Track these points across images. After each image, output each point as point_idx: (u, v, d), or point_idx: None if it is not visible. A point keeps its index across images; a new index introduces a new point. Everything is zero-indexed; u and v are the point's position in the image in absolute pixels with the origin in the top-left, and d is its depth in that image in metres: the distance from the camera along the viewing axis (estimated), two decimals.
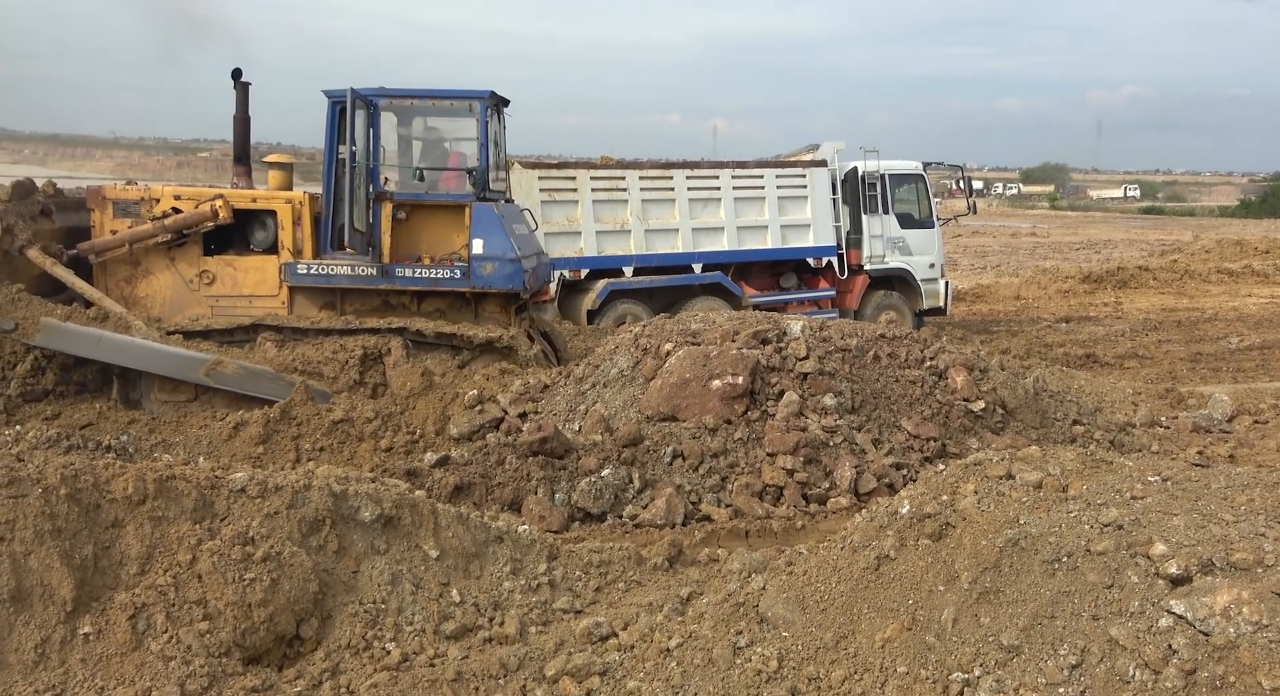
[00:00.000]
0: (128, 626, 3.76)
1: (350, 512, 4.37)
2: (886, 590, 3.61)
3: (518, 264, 9.71)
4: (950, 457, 6.79)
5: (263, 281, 9.95)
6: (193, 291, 9.92)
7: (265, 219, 10.10)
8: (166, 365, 8.90)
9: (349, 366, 9.23)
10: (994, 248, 38.36)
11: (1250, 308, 20.19)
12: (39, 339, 8.87)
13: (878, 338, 8.10)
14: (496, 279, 9.72)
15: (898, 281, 15.84)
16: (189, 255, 9.94)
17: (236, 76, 10.43)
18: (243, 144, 10.88)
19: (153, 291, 9.90)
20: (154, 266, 9.91)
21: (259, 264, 9.99)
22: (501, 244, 9.71)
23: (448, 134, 10.91)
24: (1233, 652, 2.73)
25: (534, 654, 4.00)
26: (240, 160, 10.90)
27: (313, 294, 10.01)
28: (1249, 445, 8.46)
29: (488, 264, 9.66)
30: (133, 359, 8.98)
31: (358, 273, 9.75)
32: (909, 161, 16.30)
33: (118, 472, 4.11)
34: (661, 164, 14.41)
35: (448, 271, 9.76)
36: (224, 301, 9.91)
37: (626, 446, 6.87)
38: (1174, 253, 32.48)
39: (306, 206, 10.02)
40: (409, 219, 10.08)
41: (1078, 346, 15.37)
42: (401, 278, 9.76)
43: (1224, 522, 3.20)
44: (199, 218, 9.77)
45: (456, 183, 10.31)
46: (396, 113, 10.45)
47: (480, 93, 9.99)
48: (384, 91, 10.01)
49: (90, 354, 9.02)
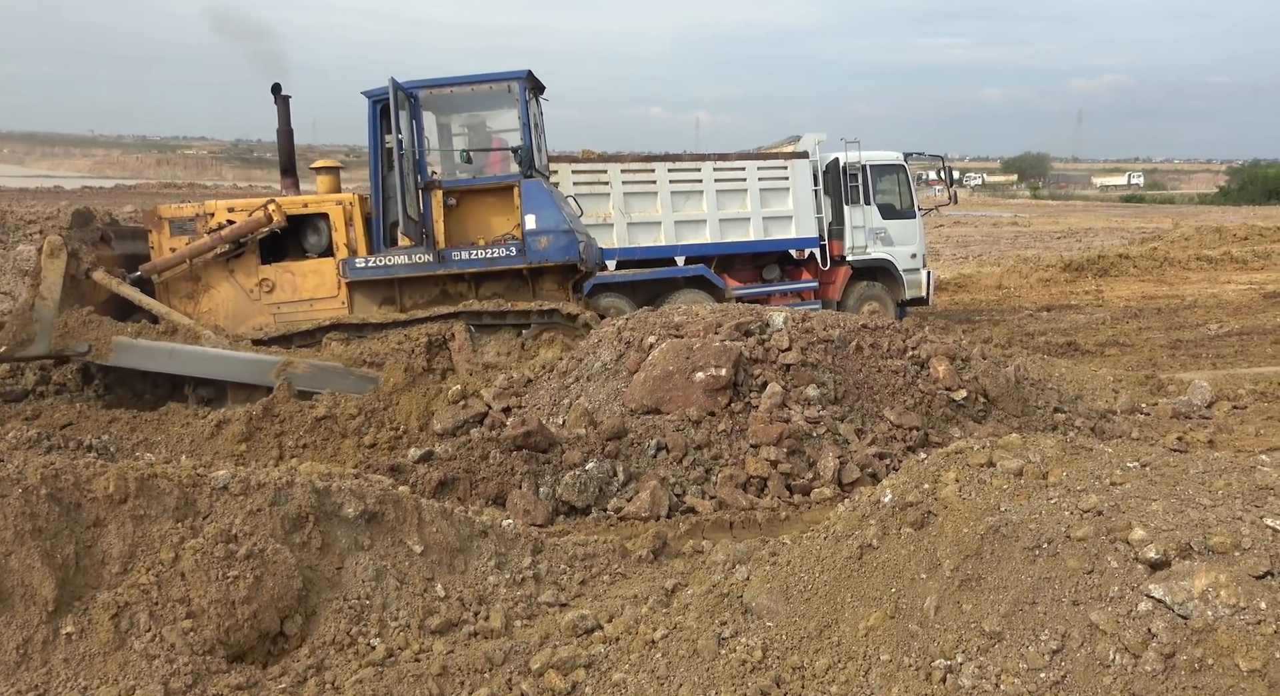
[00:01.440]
0: (110, 625, 3.75)
1: (334, 509, 4.37)
2: (869, 579, 3.63)
3: (571, 235, 9.74)
4: (933, 446, 6.82)
5: (321, 284, 10.06)
6: (254, 301, 10.06)
7: (318, 222, 10.24)
8: (239, 371, 8.99)
9: (415, 355, 9.32)
10: (975, 237, 38.51)
11: (1229, 294, 20.34)
12: (113, 358, 9.05)
13: (860, 328, 8.12)
14: (552, 251, 9.75)
15: (880, 272, 15.91)
16: (247, 265, 10.07)
17: (276, 91, 10.60)
18: (288, 155, 11.04)
19: (215, 305, 10.03)
20: (214, 280, 10.06)
21: (316, 267, 10.10)
22: (554, 216, 9.77)
23: (489, 118, 10.95)
24: (1211, 635, 2.76)
25: (519, 647, 4.00)
26: (287, 172, 11.05)
27: (372, 291, 10.10)
28: (1228, 430, 8.53)
29: (542, 237, 9.71)
30: (206, 368, 9.12)
31: (415, 261, 9.79)
32: (890, 152, 16.35)
33: (99, 471, 4.09)
34: (643, 157, 14.42)
35: (504, 250, 9.82)
36: (285, 308, 10.04)
37: (610, 439, 6.88)
38: (1154, 240, 32.71)
39: (357, 207, 10.18)
40: (460, 206, 10.19)
41: (1059, 334, 15.46)
42: (459, 261, 9.81)
43: (1202, 507, 3.23)
44: (254, 225, 9.91)
45: (502, 165, 10.36)
46: (437, 102, 10.47)
47: (518, 73, 10.07)
48: (423, 82, 10.08)
49: (164, 367, 9.16)
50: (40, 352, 9.04)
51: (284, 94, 10.61)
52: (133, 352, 9.05)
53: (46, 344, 8.97)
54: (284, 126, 10.77)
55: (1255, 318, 16.80)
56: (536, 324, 9.67)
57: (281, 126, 10.77)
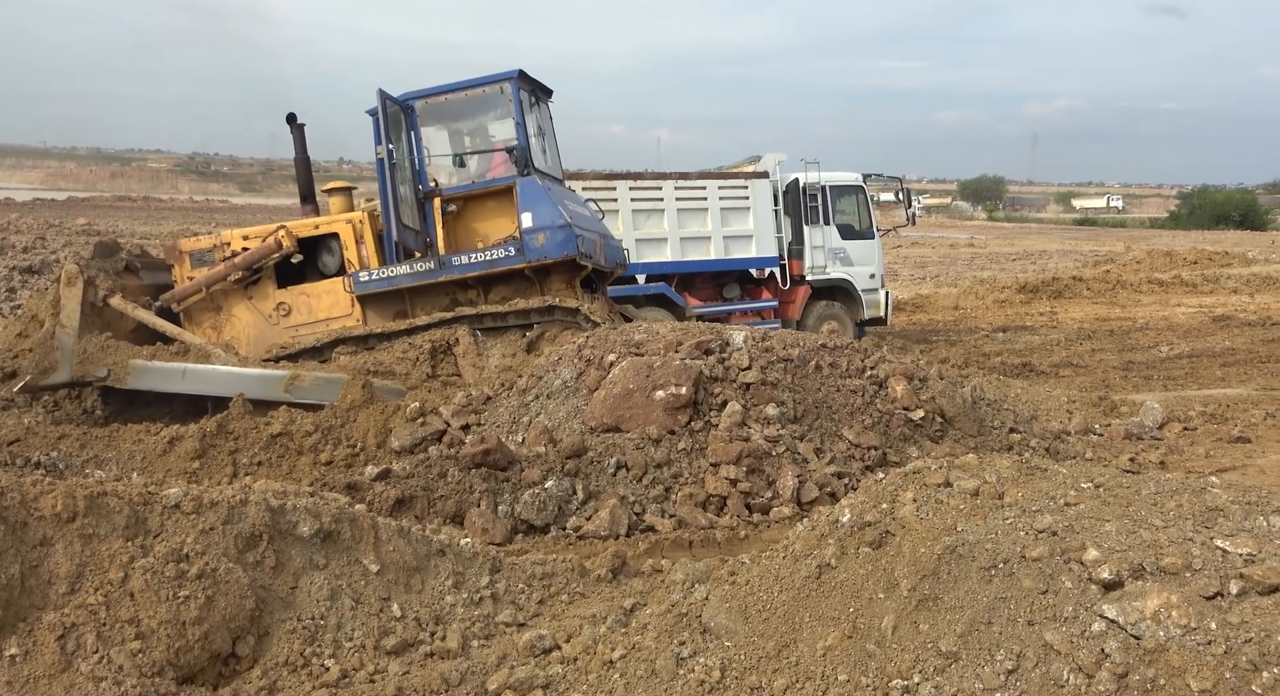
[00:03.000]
0: (56, 647, 3.66)
1: (289, 527, 4.31)
2: (828, 598, 3.64)
3: (569, 230, 9.59)
4: (891, 466, 6.86)
5: (336, 303, 10.09)
6: (273, 325, 10.11)
7: (330, 243, 10.29)
8: (249, 387, 8.92)
9: (420, 362, 9.32)
10: (933, 258, 38.97)
11: (1179, 317, 20.72)
12: (131, 381, 9.10)
13: (819, 347, 8.17)
14: (550, 248, 9.62)
15: (839, 292, 16.02)
16: (264, 291, 10.14)
17: (292, 120, 10.65)
18: (306, 183, 11.08)
19: (238, 332, 10.10)
20: (234, 308, 10.15)
21: (330, 287, 10.14)
22: (550, 213, 9.64)
23: (487, 122, 10.92)
24: (1163, 655, 2.79)
25: (476, 668, 3.96)
26: (306, 199, 11.08)
27: (383, 305, 10.07)
28: (1179, 452, 8.67)
29: (539, 234, 9.61)
30: (217, 386, 9.08)
31: (417, 269, 9.76)
32: (849, 173, 16.50)
33: (46, 489, 4.00)
34: (605, 175, 14.45)
35: (503, 251, 9.74)
36: (303, 329, 10.07)
37: (570, 458, 6.85)
38: (1107, 263, 33.30)
39: (367, 225, 10.20)
40: (463, 212, 10.18)
41: (1014, 355, 15.65)
42: (459, 265, 9.77)
43: (1154, 528, 3.27)
44: (265, 251, 9.99)
45: (505, 168, 10.32)
46: (434, 111, 10.44)
47: (509, 74, 10.05)
48: (418, 93, 10.08)
49: (178, 388, 9.18)
50: (63, 380, 9.11)
51: (299, 123, 10.65)
52: (149, 375, 9.12)
53: (68, 371, 9.06)
54: (301, 154, 10.85)
55: (1204, 340, 17.11)
56: (539, 323, 9.62)
57: (299, 155, 10.85)
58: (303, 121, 10.68)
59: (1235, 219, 71.62)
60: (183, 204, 65.10)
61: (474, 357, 9.29)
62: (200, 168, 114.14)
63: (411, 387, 9.01)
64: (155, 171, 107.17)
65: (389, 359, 9.38)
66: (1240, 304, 22.90)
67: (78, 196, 64.89)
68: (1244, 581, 2.89)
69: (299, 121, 10.66)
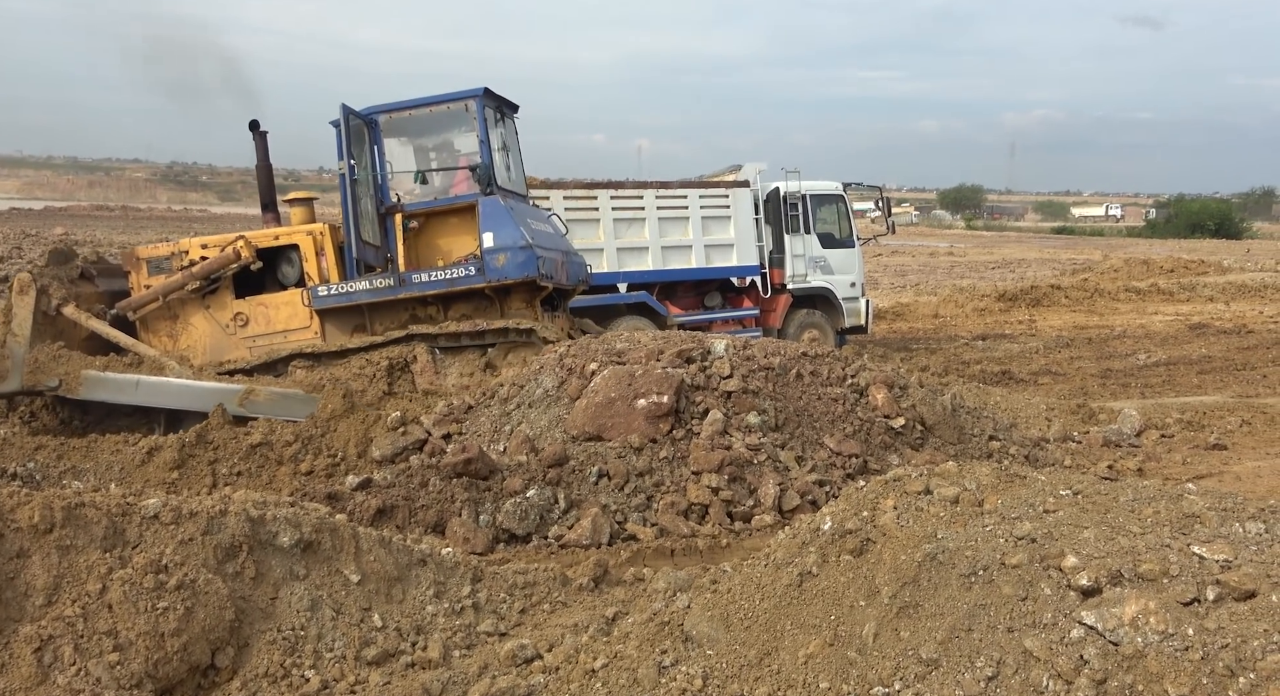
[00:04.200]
0: (33, 659, 3.63)
1: (268, 538, 4.29)
2: (809, 606, 3.65)
3: (530, 251, 9.55)
4: (871, 474, 6.89)
5: (294, 315, 9.96)
6: (230, 335, 9.97)
7: (290, 254, 10.16)
8: (203, 400, 8.84)
9: (376, 379, 9.22)
10: (913, 267, 39.15)
11: (1156, 325, 20.88)
12: (83, 392, 8.98)
13: (800, 356, 8.20)
14: (511, 268, 9.57)
15: (820, 300, 16.07)
16: (222, 300, 10.01)
17: (255, 127, 10.55)
18: (268, 191, 10.92)
19: (194, 341, 9.96)
20: (191, 317, 10.00)
21: (288, 298, 10.01)
22: (511, 233, 9.59)
23: (451, 139, 10.87)
24: (1140, 662, 2.81)
25: (457, 678, 3.95)
26: (268, 207, 10.94)
27: (342, 319, 9.98)
28: (1156, 459, 8.73)
29: (500, 255, 9.54)
30: (170, 399, 9.01)
31: (376, 286, 9.70)
32: (830, 182, 16.58)
33: (23, 501, 3.97)
34: (586, 184, 14.45)
35: (463, 270, 9.68)
36: (261, 340, 9.93)
37: (552, 467, 6.85)
38: (1084, 272, 33.51)
39: (328, 237, 10.08)
40: (424, 228, 10.10)
41: (994, 363, 15.73)
42: (419, 283, 9.69)
43: (1131, 535, 3.30)
44: (223, 261, 9.86)
45: (468, 185, 10.27)
46: (397, 126, 10.37)
47: (474, 92, 9.99)
48: (382, 107, 10.00)
49: (132, 399, 9.06)
50: (13, 389, 9.00)
51: (262, 130, 10.54)
52: (102, 386, 9.01)
53: (19, 380, 8.95)
54: (263, 162, 10.72)
55: (1181, 348, 17.25)
56: (497, 343, 9.59)
57: (260, 162, 10.73)
58: (266, 129, 10.56)
59: (1211, 228, 72.30)
60: (161, 213, 64.71)
61: (431, 376, 9.22)
62: (178, 176, 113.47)
63: (369, 404, 8.92)
64: (134, 181, 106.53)
65: (345, 375, 9.28)
66: (1216, 312, 23.11)
67: (55, 206, 64.42)
68: (1220, 587, 2.92)
69: (262, 129, 10.54)
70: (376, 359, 9.40)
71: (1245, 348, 16.88)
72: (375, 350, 9.49)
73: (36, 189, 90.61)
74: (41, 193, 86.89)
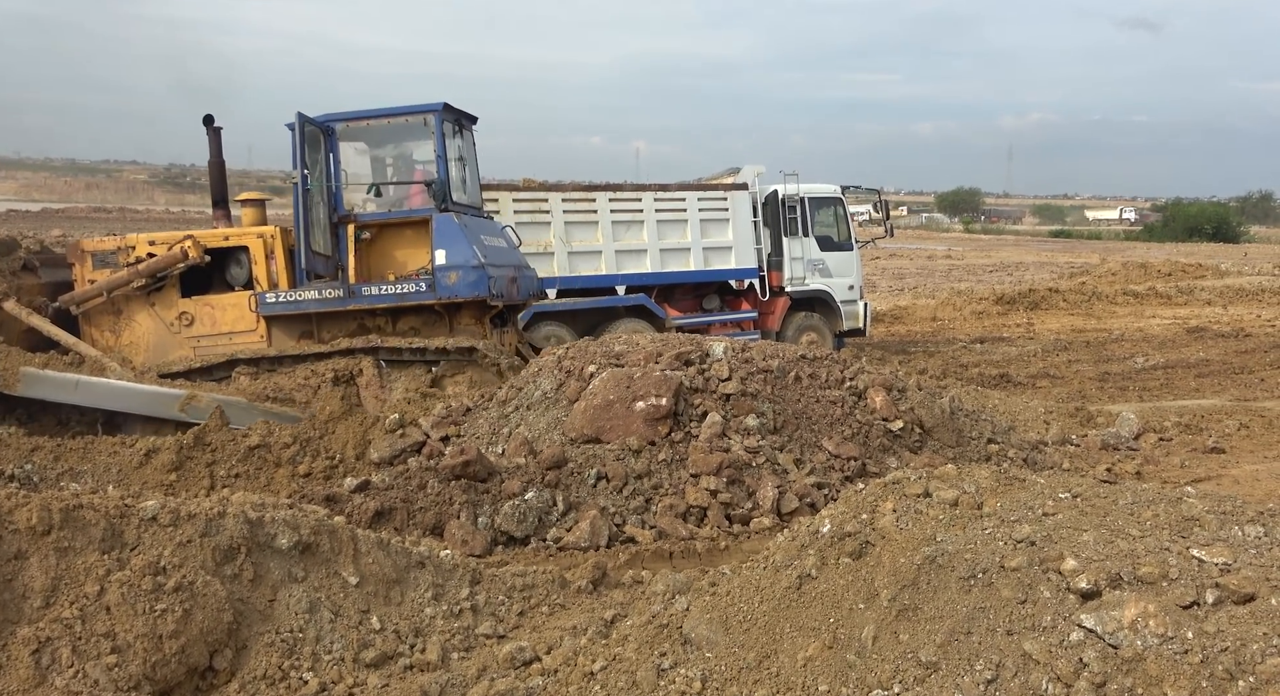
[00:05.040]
0: (30, 662, 3.62)
1: (266, 540, 4.28)
2: (808, 609, 3.64)
3: (482, 270, 9.57)
4: (870, 476, 6.88)
5: (240, 318, 9.92)
6: (174, 334, 9.91)
7: (239, 255, 10.12)
8: (143, 404, 8.77)
9: (320, 390, 9.10)
10: (911, 270, 39.16)
11: (1154, 328, 20.90)
12: (20, 389, 8.79)
13: (799, 359, 8.20)
14: (461, 287, 9.60)
15: (818, 303, 16.08)
16: (167, 298, 9.94)
17: (208, 122, 10.47)
18: (219, 188, 10.87)
19: (136, 338, 9.89)
20: (135, 313, 9.92)
21: (235, 300, 9.96)
22: (464, 252, 9.60)
23: (407, 151, 10.85)
24: (1140, 665, 2.81)
25: (456, 680, 3.94)
26: (219, 204, 10.88)
27: (290, 325, 9.94)
28: (1154, 462, 8.74)
29: (452, 273, 9.56)
30: (110, 400, 8.88)
31: (325, 296, 9.67)
32: (828, 185, 16.58)
33: (21, 502, 3.96)
34: (584, 186, 14.45)
35: (413, 285, 9.68)
36: (205, 341, 9.90)
37: (550, 469, 6.84)
38: (1082, 275, 33.55)
39: (278, 240, 10.04)
40: (376, 240, 10.07)
41: (992, 366, 15.74)
42: (368, 296, 9.69)
43: (1131, 537, 3.30)
44: (170, 260, 9.79)
45: (423, 199, 10.27)
46: (353, 135, 10.35)
47: (434, 106, 9.98)
48: (339, 116, 9.98)
49: (69, 399, 8.90)
50: None
51: (215, 125, 10.47)
52: (40, 384, 8.83)
53: None
54: (216, 158, 10.65)
55: (1179, 351, 17.26)
56: (448, 361, 9.56)
57: (213, 158, 10.65)
58: (220, 125, 10.49)
59: (1208, 231, 72.34)
60: (159, 215, 64.64)
61: (376, 389, 9.17)
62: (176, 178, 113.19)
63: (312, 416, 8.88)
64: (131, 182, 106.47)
65: (289, 384, 9.20)
66: (1214, 315, 23.13)
67: (52, 208, 64.32)
68: (1220, 590, 2.92)
69: (215, 124, 10.46)
70: (322, 370, 9.31)
71: (1243, 351, 16.90)
72: (323, 360, 9.42)
73: (34, 191, 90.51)
74: (39, 194, 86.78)
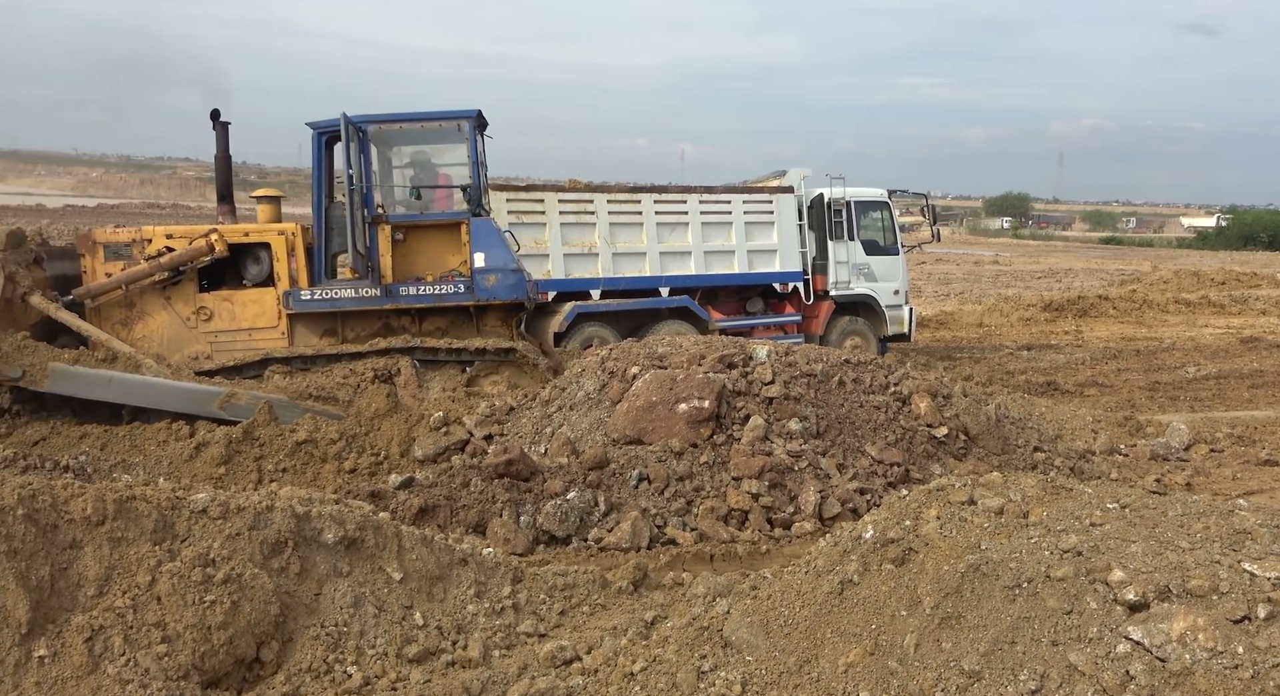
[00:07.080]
0: (84, 649, 3.70)
1: (313, 534, 4.34)
2: (850, 615, 3.63)
3: (520, 274, 9.87)
4: (913, 483, 6.84)
5: (261, 313, 10.05)
6: (190, 329, 10.00)
7: (259, 252, 10.22)
8: (180, 401, 8.85)
9: (361, 389, 9.23)
10: (957, 275, 38.78)
11: (1207, 338, 20.52)
12: (48, 385, 8.86)
13: (843, 363, 8.16)
14: (500, 290, 9.87)
15: (863, 307, 15.97)
16: (184, 293, 10.02)
17: (215, 116, 10.55)
18: (225, 182, 11.01)
19: (150, 332, 9.95)
20: (149, 307, 9.98)
21: (256, 296, 10.08)
22: (503, 256, 9.90)
23: (438, 155, 11.00)
24: (1188, 679, 2.77)
25: (497, 677, 3.97)
26: (224, 199, 11.01)
27: (313, 322, 10.09)
28: (1205, 473, 8.59)
29: (491, 275, 9.81)
30: (146, 397, 8.95)
31: (361, 295, 9.80)
32: (874, 189, 16.46)
33: (76, 493, 4.05)
34: (629, 188, 14.47)
35: (451, 287, 9.84)
36: (223, 336, 9.99)
37: (592, 469, 6.87)
38: (1133, 283, 33.01)
39: (299, 237, 10.16)
40: (406, 240, 10.22)
41: (1039, 374, 15.55)
42: (406, 296, 9.88)
43: (1180, 550, 3.25)
44: (195, 253, 9.86)
45: (446, 201, 10.41)
46: (386, 137, 10.49)
47: (468, 112, 10.12)
48: (373, 117, 10.10)
49: (102, 396, 8.96)
50: None
51: (223, 120, 10.53)
52: (70, 380, 8.86)
53: None
54: (222, 153, 10.72)
55: (1232, 361, 16.94)
56: (483, 361, 9.63)
57: (220, 153, 10.72)
58: (227, 120, 10.54)
59: (1264, 240, 70.89)
60: (211, 211, 65.69)
61: (414, 389, 9.25)
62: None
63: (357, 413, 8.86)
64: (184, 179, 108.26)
65: (328, 383, 9.27)
66: (1269, 325, 22.67)
67: (108, 203, 65.64)
68: (1272, 605, 2.87)
69: (223, 119, 10.51)
70: (361, 368, 9.41)
71: None
72: (363, 359, 9.50)
73: (90, 187, 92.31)
74: (95, 190, 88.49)
